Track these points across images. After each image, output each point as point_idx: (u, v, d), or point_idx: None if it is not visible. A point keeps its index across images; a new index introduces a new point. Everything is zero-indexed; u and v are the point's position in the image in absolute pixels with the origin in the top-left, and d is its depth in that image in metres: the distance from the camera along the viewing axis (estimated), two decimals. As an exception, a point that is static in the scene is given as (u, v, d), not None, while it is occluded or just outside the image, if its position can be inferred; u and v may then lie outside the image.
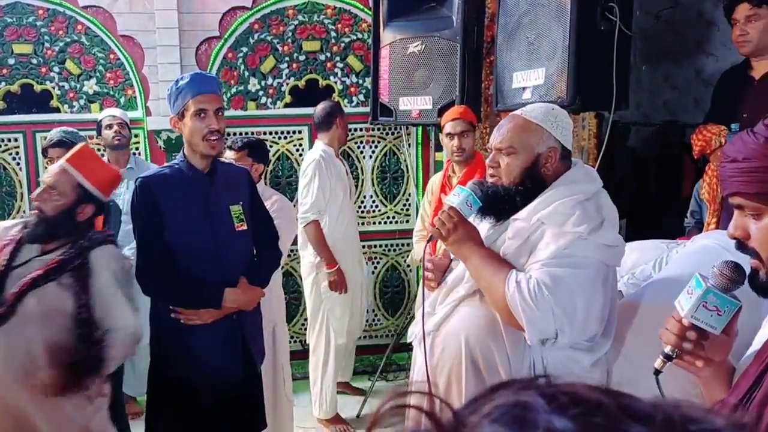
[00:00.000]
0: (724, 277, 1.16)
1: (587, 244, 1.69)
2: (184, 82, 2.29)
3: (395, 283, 4.81)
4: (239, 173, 2.56)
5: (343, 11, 4.44)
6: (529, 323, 1.64)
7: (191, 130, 2.28)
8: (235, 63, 4.37)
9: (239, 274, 2.38)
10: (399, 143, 4.64)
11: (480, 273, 1.75)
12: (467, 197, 1.80)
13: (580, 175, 1.84)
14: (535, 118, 1.82)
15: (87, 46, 4.23)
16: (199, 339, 2.32)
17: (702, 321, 1.15)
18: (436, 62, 3.60)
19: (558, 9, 2.82)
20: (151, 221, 2.29)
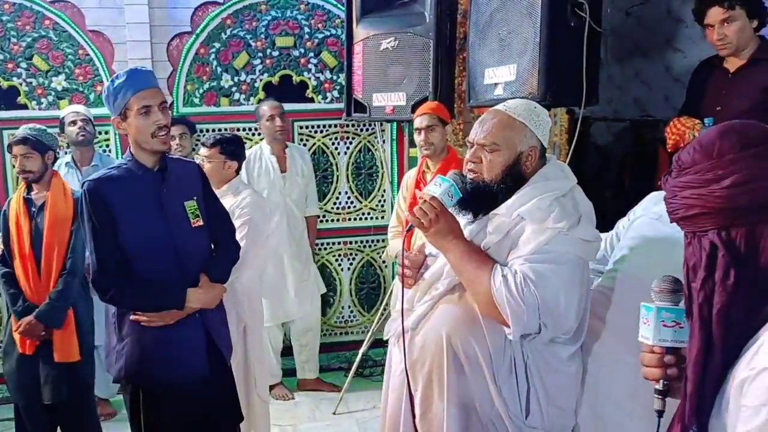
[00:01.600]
0: (665, 291, 1.19)
1: (567, 239, 1.70)
2: (121, 80, 2.19)
3: (371, 279, 4.81)
4: (191, 168, 2.50)
5: (317, 7, 4.43)
6: (514, 318, 1.64)
7: (138, 129, 2.20)
8: (207, 59, 4.33)
9: (198, 272, 2.34)
10: (373, 139, 4.64)
11: (462, 266, 1.74)
12: (449, 188, 1.77)
13: (556, 172, 1.85)
14: (520, 116, 1.81)
15: (55, 41, 4.16)
16: (163, 340, 2.27)
17: (670, 340, 1.17)
18: (409, 58, 3.60)
19: (529, 5, 2.83)
20: (103, 225, 2.21)
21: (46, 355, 3.04)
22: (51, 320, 3.01)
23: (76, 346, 3.07)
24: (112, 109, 2.25)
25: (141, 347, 2.27)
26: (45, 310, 3.00)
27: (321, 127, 4.59)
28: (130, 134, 2.25)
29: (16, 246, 3.04)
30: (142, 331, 2.27)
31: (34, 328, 2.99)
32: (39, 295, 3.03)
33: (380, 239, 4.72)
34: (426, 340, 1.82)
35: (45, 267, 3.04)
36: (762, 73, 2.74)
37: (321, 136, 4.59)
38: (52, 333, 3.02)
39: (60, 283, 3.03)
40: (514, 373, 1.75)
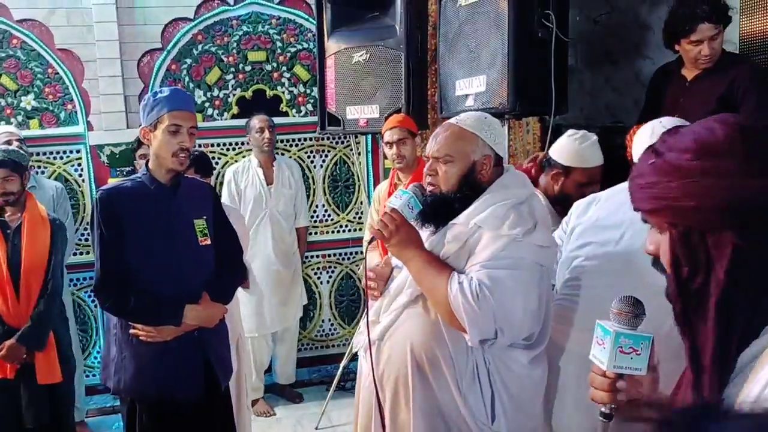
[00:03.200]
0: (625, 315, 1.14)
1: (522, 245, 1.74)
2: (162, 95, 2.27)
3: (350, 292, 4.80)
4: (203, 188, 2.55)
5: (288, 21, 4.43)
6: (471, 324, 1.67)
7: (161, 144, 2.25)
8: (179, 75, 4.31)
9: (201, 290, 2.35)
10: (349, 152, 4.65)
11: (422, 275, 1.78)
12: (409, 200, 1.83)
13: (513, 180, 1.90)
14: (470, 127, 1.87)
15: (23, 60, 4.12)
16: (159, 356, 2.28)
17: (625, 367, 1.12)
18: (381, 71, 3.61)
19: (496, 17, 2.86)
20: (111, 235, 2.24)
21: (27, 379, 3.00)
22: (34, 342, 2.98)
23: (58, 368, 3.06)
24: (144, 118, 2.30)
25: (138, 362, 2.29)
26: (27, 332, 2.97)
27: (296, 141, 4.59)
28: (153, 147, 2.29)
29: None
30: (141, 346, 2.28)
31: (16, 351, 2.95)
32: (18, 318, 2.99)
33: (359, 251, 4.71)
34: (392, 350, 1.86)
35: (24, 289, 3.00)
36: (719, 83, 2.80)
37: (296, 149, 4.59)
38: (34, 356, 2.99)
39: (41, 304, 3.01)
40: (477, 380, 1.78)
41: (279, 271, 4.13)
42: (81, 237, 4.30)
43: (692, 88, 2.90)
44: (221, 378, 2.45)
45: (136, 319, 2.28)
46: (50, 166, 4.21)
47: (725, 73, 2.82)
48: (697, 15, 2.76)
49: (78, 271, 4.26)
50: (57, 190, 3.86)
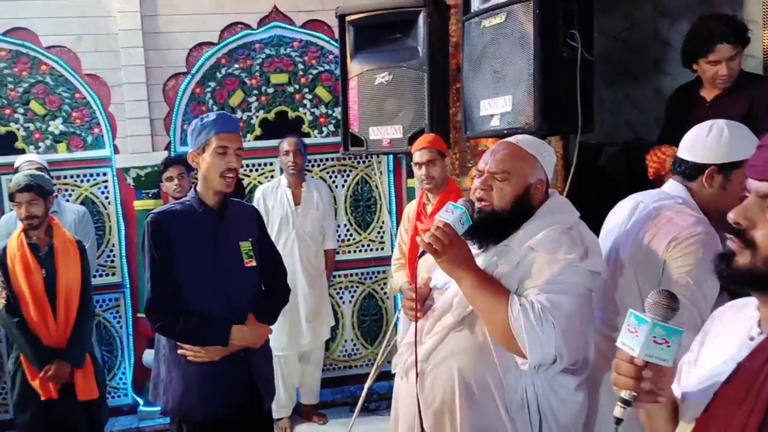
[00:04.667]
0: (662, 306, 1.16)
1: (577, 270, 1.72)
2: (209, 119, 2.34)
3: (373, 311, 4.80)
4: (249, 211, 2.60)
5: (310, 44, 4.49)
6: (532, 347, 1.64)
7: (210, 166, 2.32)
8: (203, 98, 4.37)
9: (247, 311, 2.39)
10: (371, 171, 4.67)
11: (477, 295, 1.73)
12: (461, 215, 1.77)
13: (561, 205, 1.89)
14: (531, 149, 1.87)
15: (52, 86, 4.20)
16: (206, 377, 2.32)
17: (654, 356, 1.14)
18: (404, 91, 3.64)
19: (521, 38, 2.88)
20: (162, 257, 2.31)
21: (67, 397, 3.09)
22: (77, 360, 3.08)
23: (95, 384, 3.17)
24: (192, 143, 2.37)
25: (185, 382, 2.34)
26: (70, 351, 3.06)
27: (318, 161, 4.62)
28: (201, 169, 2.36)
29: (28, 293, 3.05)
30: (188, 366, 2.33)
31: (63, 370, 3.05)
32: (58, 339, 3.08)
33: (381, 271, 4.72)
34: (437, 373, 1.82)
35: (62, 311, 3.09)
36: (739, 103, 2.80)
37: (318, 169, 4.62)
38: (74, 374, 3.07)
39: (79, 323, 3.10)
40: (526, 404, 1.74)
41: (305, 291, 4.14)
42: (107, 259, 4.35)
43: (712, 108, 2.89)
44: (266, 398, 2.49)
45: (184, 340, 2.33)
46: (77, 188, 4.27)
47: (745, 93, 2.82)
48: (716, 35, 2.76)
49: (103, 292, 4.30)
50: (79, 214, 3.91)
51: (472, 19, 3.19)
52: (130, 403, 4.40)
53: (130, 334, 4.38)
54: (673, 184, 2.05)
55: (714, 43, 2.77)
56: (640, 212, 2.03)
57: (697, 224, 1.85)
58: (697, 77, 3.03)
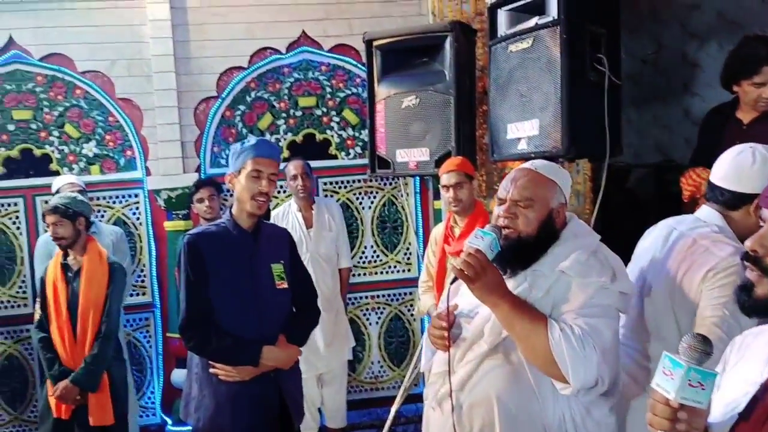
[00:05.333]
0: (696, 350, 1.18)
1: (609, 293, 1.73)
2: (249, 143, 2.41)
3: (399, 333, 4.79)
4: (282, 233, 2.65)
5: (338, 68, 4.55)
6: (575, 372, 1.62)
7: (244, 188, 2.38)
8: (233, 121, 4.45)
9: (278, 332, 2.43)
10: (397, 193, 4.69)
11: (514, 321, 1.72)
12: (492, 241, 1.77)
13: (582, 229, 1.90)
14: (550, 174, 1.88)
15: (86, 109, 4.31)
16: (237, 396, 2.36)
17: (690, 399, 1.16)
18: (431, 114, 3.66)
19: (548, 62, 2.89)
20: (197, 277, 2.35)
21: (81, 420, 3.08)
22: (87, 384, 3.05)
23: (110, 410, 3.12)
24: (232, 165, 2.44)
25: (217, 401, 2.38)
26: (81, 374, 3.04)
27: (345, 183, 4.66)
28: (236, 191, 2.43)
29: (53, 311, 3.11)
30: (219, 385, 2.37)
31: (70, 392, 3.03)
32: (75, 359, 3.08)
33: (407, 292, 4.72)
34: (474, 402, 1.80)
35: (81, 331, 3.10)
36: None
37: (345, 191, 4.66)
38: (88, 397, 3.06)
39: (95, 346, 3.08)
40: (564, 430, 1.74)
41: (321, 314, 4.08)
42: (138, 279, 4.42)
43: (749, 131, 2.86)
44: (295, 418, 2.51)
45: (216, 359, 2.37)
46: (109, 209, 4.35)
47: None
48: (762, 57, 2.73)
49: (133, 312, 4.37)
50: (116, 234, 3.99)
51: (498, 44, 3.21)
52: (159, 422, 4.43)
53: (160, 353, 4.43)
54: (709, 211, 2.00)
55: (760, 64, 2.75)
56: (675, 240, 2.00)
57: (735, 254, 1.81)
58: (734, 98, 3.00)
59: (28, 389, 4.31)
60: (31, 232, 4.28)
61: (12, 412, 4.31)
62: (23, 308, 4.29)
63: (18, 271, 4.29)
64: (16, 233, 4.28)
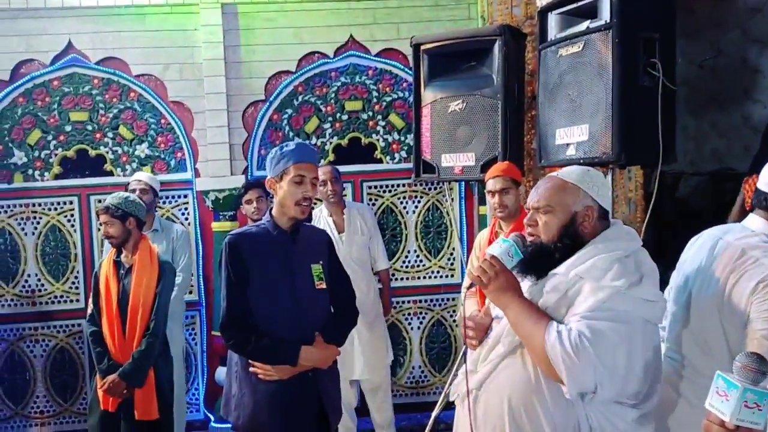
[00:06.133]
0: (752, 370, 1.16)
1: (626, 298, 1.69)
2: (289, 148, 2.41)
3: (441, 339, 4.76)
4: (320, 234, 2.67)
5: (384, 72, 4.55)
6: (569, 375, 1.62)
7: (286, 194, 2.39)
8: (280, 124, 4.50)
9: (316, 332, 2.44)
10: (442, 198, 4.66)
11: (519, 322, 1.75)
12: (509, 248, 1.83)
13: (619, 234, 1.85)
14: (571, 179, 1.86)
15: (139, 112, 4.42)
16: (276, 395, 2.37)
17: (746, 420, 1.15)
18: (477, 119, 3.62)
19: (599, 67, 2.82)
20: (237, 277, 2.37)
21: (127, 413, 3.15)
22: (133, 379, 3.12)
23: (155, 405, 3.18)
24: (271, 170, 2.44)
25: (256, 399, 2.40)
26: (128, 369, 3.11)
27: (389, 187, 4.65)
28: (278, 196, 2.44)
29: (105, 306, 3.19)
30: (259, 384, 2.39)
31: (117, 387, 3.10)
32: (123, 354, 3.15)
33: (450, 298, 4.68)
34: (488, 402, 1.83)
35: (130, 327, 3.17)
36: None
37: (389, 195, 4.65)
38: (134, 392, 3.13)
39: (143, 343, 3.15)
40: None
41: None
42: (185, 278, 4.50)
43: None
44: (332, 418, 2.51)
45: (255, 358, 2.38)
46: (159, 209, 4.44)
47: None
48: None
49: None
50: (177, 233, 4.09)
51: (548, 48, 3.15)
52: (202, 419, 4.50)
53: (204, 351, 4.50)
54: (757, 219, 1.93)
55: None
56: (721, 249, 1.93)
57: None
58: None
59: (79, 382, 4.45)
60: (84, 230, 4.42)
61: (63, 403, 4.45)
62: (75, 303, 4.42)
63: (72, 267, 4.43)
64: (70, 231, 4.42)
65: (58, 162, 4.40)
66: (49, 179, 4.40)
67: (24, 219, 4.40)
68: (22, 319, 4.42)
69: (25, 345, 4.42)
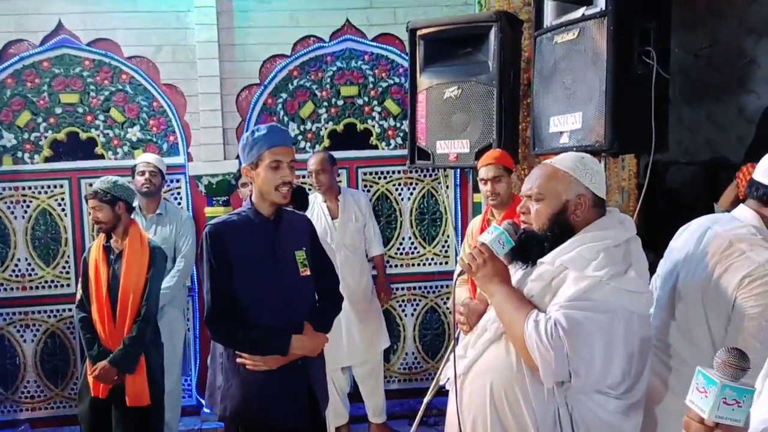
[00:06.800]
0: (732, 366, 1.13)
1: (608, 288, 1.68)
2: (260, 133, 2.34)
3: (435, 326, 4.76)
4: (302, 220, 2.63)
5: (381, 57, 4.51)
6: (543, 363, 1.64)
7: (264, 180, 2.33)
8: (275, 109, 4.46)
9: (303, 319, 2.42)
10: (437, 185, 4.64)
11: (502, 310, 1.78)
12: (500, 235, 1.85)
13: (611, 223, 1.84)
14: (564, 166, 1.85)
15: (131, 94, 4.37)
16: (265, 385, 2.36)
17: (726, 417, 1.12)
18: (473, 106, 3.60)
19: (594, 55, 2.81)
20: (221, 268, 2.32)
21: (118, 400, 3.14)
22: (124, 365, 3.11)
23: (147, 391, 3.17)
24: (245, 158, 2.38)
25: (244, 390, 2.37)
26: (119, 355, 3.10)
27: (384, 173, 4.63)
28: (256, 184, 2.38)
29: (94, 292, 3.17)
30: (247, 374, 2.36)
31: (108, 373, 3.08)
32: (113, 341, 3.13)
33: (444, 285, 4.68)
34: (473, 386, 1.86)
35: (120, 313, 3.14)
36: None
37: (384, 182, 4.63)
38: (125, 378, 3.11)
39: (134, 329, 3.13)
40: (558, 425, 1.71)
41: (346, 306, 4.06)
42: (178, 263, 4.48)
43: None
44: (322, 405, 2.51)
45: (245, 350, 2.35)
46: (151, 194, 4.41)
47: None
48: None
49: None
50: (181, 218, 4.09)
51: (544, 35, 3.14)
52: (194, 404, 4.50)
53: (197, 336, 4.49)
54: (746, 211, 1.92)
55: None
56: (709, 239, 1.92)
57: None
58: None
59: (70, 367, 4.44)
60: (75, 214, 4.38)
61: (53, 388, 4.44)
62: (66, 288, 4.40)
63: (62, 252, 4.40)
64: (61, 215, 4.39)
65: (48, 145, 4.35)
66: (39, 162, 4.36)
67: (13, 202, 4.36)
68: (12, 304, 4.40)
69: (15, 330, 4.40)
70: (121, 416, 3.14)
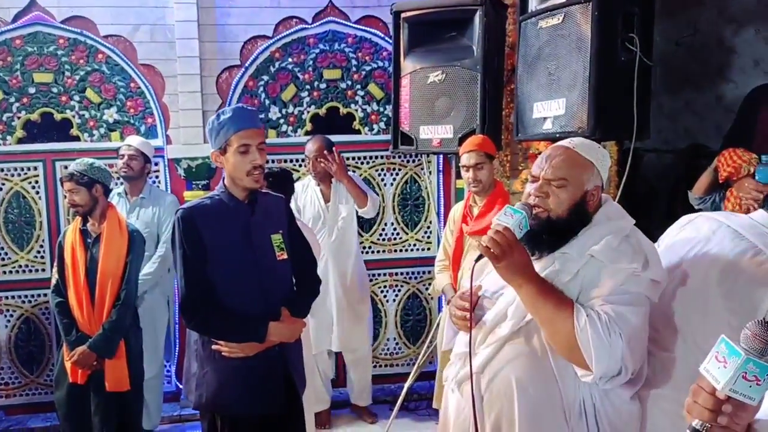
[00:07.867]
0: (760, 340, 1.05)
1: (640, 280, 1.65)
2: (226, 117, 2.26)
3: (416, 311, 4.77)
4: (277, 202, 2.55)
5: (364, 40, 4.46)
6: (599, 359, 1.58)
7: (234, 166, 2.27)
8: (256, 91, 4.40)
9: (281, 305, 2.37)
10: (420, 170, 4.63)
11: (539, 304, 1.67)
12: (521, 219, 1.69)
13: (616, 212, 1.81)
14: (587, 154, 1.78)
15: (107, 75, 4.27)
16: (242, 372, 2.31)
17: (740, 393, 1.05)
18: (456, 91, 3.58)
19: (578, 40, 2.80)
20: (194, 254, 2.25)
21: (97, 385, 3.10)
22: (104, 350, 3.07)
23: (126, 376, 3.13)
24: (213, 143, 2.31)
25: (220, 377, 2.31)
26: (98, 340, 3.05)
27: (367, 159, 4.60)
28: (227, 169, 2.32)
29: (71, 276, 3.11)
30: (223, 361, 2.30)
31: (87, 358, 3.04)
32: (92, 325, 3.09)
33: (426, 271, 4.68)
34: (493, 384, 1.76)
35: (99, 297, 3.10)
36: None
37: (367, 167, 4.60)
38: (104, 363, 3.07)
39: (114, 313, 3.09)
40: (584, 416, 1.69)
41: (338, 290, 4.07)
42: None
43: None
44: (299, 390, 2.48)
45: (221, 337, 2.30)
46: (129, 177, 4.34)
47: None
48: None
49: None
50: (166, 202, 4.01)
51: (528, 20, 3.12)
52: (174, 390, 4.46)
53: (176, 322, 4.44)
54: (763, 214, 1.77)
55: None
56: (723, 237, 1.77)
57: None
58: None
59: (45, 353, 4.36)
60: (50, 197, 4.29)
61: (28, 375, 4.36)
62: (41, 273, 4.31)
63: (36, 236, 4.31)
64: (35, 198, 4.29)
65: (22, 125, 4.23)
66: (11, 143, 4.24)
67: (-14, 184, 4.26)
68: (-15, 289, 4.31)
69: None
70: (99, 402, 3.10)
